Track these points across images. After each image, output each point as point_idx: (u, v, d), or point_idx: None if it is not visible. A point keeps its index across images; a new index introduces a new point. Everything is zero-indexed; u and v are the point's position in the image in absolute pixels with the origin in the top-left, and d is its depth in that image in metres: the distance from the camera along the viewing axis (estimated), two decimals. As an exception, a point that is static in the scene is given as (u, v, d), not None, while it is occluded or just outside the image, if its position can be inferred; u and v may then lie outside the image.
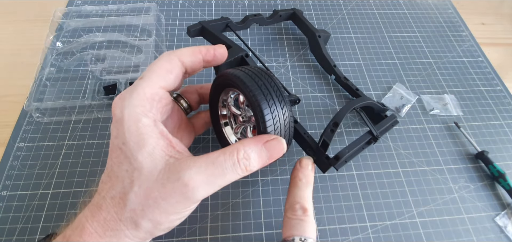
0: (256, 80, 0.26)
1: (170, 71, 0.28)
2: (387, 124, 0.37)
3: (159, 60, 0.28)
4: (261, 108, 0.25)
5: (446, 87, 0.48)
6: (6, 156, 0.37)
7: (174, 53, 0.29)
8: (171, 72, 0.28)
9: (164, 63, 0.28)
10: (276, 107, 0.26)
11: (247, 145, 0.25)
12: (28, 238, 0.32)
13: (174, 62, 0.28)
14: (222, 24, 0.42)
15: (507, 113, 0.46)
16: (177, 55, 0.29)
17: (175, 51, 0.29)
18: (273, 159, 0.26)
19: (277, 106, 0.26)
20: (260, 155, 0.26)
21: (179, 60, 0.29)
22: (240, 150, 0.25)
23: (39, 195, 0.35)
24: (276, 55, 0.50)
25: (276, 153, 0.26)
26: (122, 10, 0.53)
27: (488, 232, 0.36)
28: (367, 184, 0.38)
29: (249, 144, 0.25)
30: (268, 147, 0.26)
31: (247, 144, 0.25)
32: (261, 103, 0.25)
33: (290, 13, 0.52)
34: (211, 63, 0.31)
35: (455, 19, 0.59)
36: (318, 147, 0.32)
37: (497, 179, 0.38)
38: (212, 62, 0.31)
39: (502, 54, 0.56)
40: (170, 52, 0.29)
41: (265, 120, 0.26)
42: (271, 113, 0.26)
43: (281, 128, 0.27)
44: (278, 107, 0.26)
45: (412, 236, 0.35)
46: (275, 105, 0.26)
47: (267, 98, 0.26)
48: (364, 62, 0.50)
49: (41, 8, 0.56)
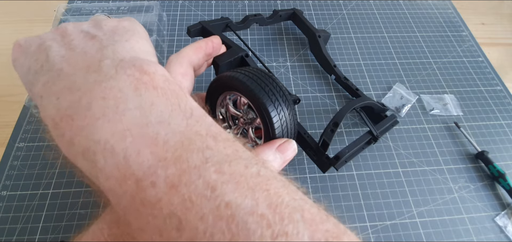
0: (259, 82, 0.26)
1: (184, 74, 0.27)
2: (387, 124, 0.37)
3: (170, 66, 0.27)
4: (269, 111, 0.25)
5: (446, 87, 0.48)
6: (6, 156, 0.37)
7: (181, 56, 0.28)
8: (186, 75, 0.27)
9: (176, 67, 0.27)
10: (282, 108, 0.26)
11: (263, 151, 0.25)
12: (28, 238, 0.32)
13: (185, 64, 0.28)
14: (222, 24, 0.42)
15: (507, 113, 0.46)
16: (184, 56, 0.28)
17: (180, 53, 0.28)
18: (287, 162, 0.26)
19: (283, 108, 0.26)
20: (275, 160, 0.26)
21: (188, 60, 0.28)
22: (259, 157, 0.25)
23: (39, 195, 0.35)
24: (276, 55, 0.50)
25: (289, 156, 0.26)
26: (122, 9, 0.53)
27: (488, 232, 0.36)
28: (367, 184, 0.38)
29: (264, 151, 0.25)
30: (282, 151, 0.26)
31: (262, 151, 0.25)
32: (269, 107, 0.25)
33: (290, 13, 0.52)
34: (212, 54, 0.31)
35: (455, 19, 0.59)
36: (318, 147, 0.32)
37: (497, 179, 0.38)
38: (212, 53, 0.31)
39: (502, 54, 0.56)
40: (177, 55, 0.28)
41: (273, 123, 0.26)
42: (278, 116, 0.26)
43: (288, 129, 0.27)
44: (283, 109, 0.26)
45: (412, 236, 0.35)
46: (281, 106, 0.26)
47: (273, 101, 0.26)
48: (364, 62, 0.50)
49: (41, 8, 0.56)
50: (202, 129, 0.18)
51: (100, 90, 0.17)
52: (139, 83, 0.18)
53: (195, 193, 0.15)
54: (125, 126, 0.16)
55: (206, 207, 0.14)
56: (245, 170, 0.16)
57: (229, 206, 0.14)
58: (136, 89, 0.17)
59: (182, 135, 0.17)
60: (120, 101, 0.17)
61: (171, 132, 0.17)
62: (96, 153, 0.16)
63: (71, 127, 0.17)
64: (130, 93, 0.17)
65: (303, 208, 0.15)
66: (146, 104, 0.17)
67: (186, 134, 0.17)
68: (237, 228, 0.14)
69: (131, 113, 0.17)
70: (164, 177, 0.15)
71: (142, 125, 0.17)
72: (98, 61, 0.19)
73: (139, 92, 0.17)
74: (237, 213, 0.14)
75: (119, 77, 0.18)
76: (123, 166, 0.16)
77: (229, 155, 0.17)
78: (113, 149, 0.16)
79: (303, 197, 0.16)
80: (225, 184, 0.15)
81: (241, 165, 0.16)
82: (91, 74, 0.18)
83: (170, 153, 0.16)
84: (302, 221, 0.14)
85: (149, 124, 0.17)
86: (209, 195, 0.15)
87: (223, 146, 0.17)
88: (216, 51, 0.31)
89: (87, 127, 0.16)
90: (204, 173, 0.15)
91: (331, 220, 0.15)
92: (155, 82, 0.18)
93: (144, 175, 0.16)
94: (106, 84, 0.17)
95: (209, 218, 0.14)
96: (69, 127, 0.17)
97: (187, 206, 0.14)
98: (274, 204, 0.15)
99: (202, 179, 0.15)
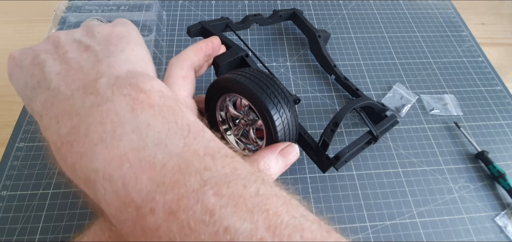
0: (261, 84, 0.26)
1: (185, 77, 0.27)
2: (387, 124, 0.37)
3: (171, 69, 0.27)
4: (271, 113, 0.25)
5: (446, 87, 0.48)
6: (6, 156, 0.37)
7: (182, 59, 0.28)
8: (187, 78, 0.27)
9: (178, 71, 0.27)
10: (284, 109, 0.26)
11: (265, 155, 0.25)
12: (28, 238, 0.32)
13: (186, 67, 0.27)
14: (222, 24, 0.42)
15: (507, 113, 0.46)
16: (185, 59, 0.28)
17: (181, 55, 0.28)
18: (289, 166, 0.27)
19: (285, 109, 0.26)
20: (277, 164, 0.26)
21: (189, 63, 0.28)
22: (260, 162, 0.25)
23: (39, 195, 0.35)
24: (276, 55, 0.50)
25: (291, 160, 0.27)
26: (123, 8, 0.53)
27: (488, 232, 0.36)
28: (367, 184, 0.38)
29: (266, 155, 0.25)
30: (284, 154, 0.26)
31: (265, 155, 0.25)
32: (271, 109, 0.25)
33: (290, 13, 0.52)
34: (212, 55, 0.31)
35: (455, 19, 0.59)
36: (318, 147, 0.32)
37: (497, 179, 0.38)
38: (212, 54, 0.31)
39: (502, 54, 0.56)
40: (177, 58, 0.28)
41: (275, 125, 0.26)
42: (281, 117, 0.26)
43: (290, 130, 0.27)
44: (285, 110, 0.26)
45: (412, 236, 0.35)
46: (282, 107, 0.26)
47: (274, 102, 0.26)
48: (364, 62, 0.50)
49: (41, 8, 0.56)
50: (200, 148, 0.17)
51: (97, 114, 0.17)
52: (135, 103, 0.18)
53: (193, 218, 0.15)
54: (122, 151, 0.16)
55: (205, 233, 0.14)
56: (244, 191, 0.16)
57: (228, 231, 0.14)
58: (132, 110, 0.17)
59: (179, 157, 0.17)
60: (117, 125, 0.17)
61: (168, 154, 0.17)
62: (96, 183, 0.16)
63: (72, 154, 0.17)
64: (126, 116, 0.17)
65: (303, 227, 0.15)
66: (142, 125, 0.17)
67: (183, 155, 0.17)
68: None
69: (128, 137, 0.17)
70: (163, 203, 0.15)
71: (139, 149, 0.17)
72: (94, 80, 0.19)
73: (135, 113, 0.17)
74: (236, 238, 0.14)
75: (116, 99, 0.18)
76: (122, 194, 0.16)
77: (228, 174, 0.16)
78: (111, 177, 0.16)
79: (304, 213, 0.16)
80: (223, 208, 0.15)
81: (240, 186, 0.16)
82: (88, 96, 0.18)
83: (167, 178, 0.16)
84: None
85: (146, 148, 0.17)
86: (207, 220, 0.14)
87: (222, 165, 0.17)
88: (216, 52, 0.31)
89: (86, 154, 0.17)
90: (202, 197, 0.15)
91: (333, 236, 0.15)
92: (152, 100, 0.18)
93: (143, 202, 0.16)
94: (103, 107, 0.17)
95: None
96: (69, 153, 0.17)
97: (186, 232, 0.14)
98: (273, 226, 0.15)
99: (200, 204, 0.15)
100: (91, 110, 0.17)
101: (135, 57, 0.22)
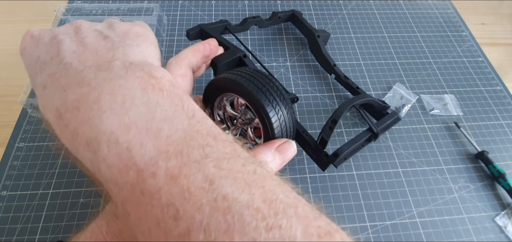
0: (256, 83, 0.26)
1: (183, 75, 0.27)
2: (388, 120, 0.37)
3: (170, 68, 0.27)
4: (267, 112, 0.25)
5: (446, 87, 0.48)
6: (6, 156, 0.38)
7: (180, 58, 0.28)
8: (185, 77, 0.27)
9: (176, 69, 0.27)
10: (280, 108, 0.26)
11: (262, 152, 0.26)
12: (28, 238, 0.32)
13: (184, 66, 0.28)
14: (221, 26, 0.42)
15: (507, 113, 0.46)
16: (183, 58, 0.28)
17: (179, 55, 0.29)
18: (286, 162, 0.27)
19: (281, 107, 0.26)
20: (274, 160, 0.26)
21: (187, 62, 0.28)
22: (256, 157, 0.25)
23: (39, 195, 0.35)
24: (276, 55, 0.50)
25: (288, 156, 0.27)
26: (122, 9, 0.53)
27: (488, 232, 0.36)
28: (367, 184, 0.38)
29: (263, 151, 0.26)
30: (281, 151, 0.26)
31: (261, 151, 0.26)
32: (267, 108, 0.25)
33: (289, 14, 0.52)
34: (210, 56, 0.31)
35: (455, 19, 0.59)
36: (317, 144, 0.32)
37: (497, 179, 0.38)
38: (210, 55, 0.31)
39: (502, 54, 0.56)
40: (176, 58, 0.28)
41: (272, 123, 0.26)
42: (277, 115, 0.26)
43: (287, 128, 0.27)
44: (282, 108, 0.26)
45: (412, 236, 0.35)
46: (279, 106, 0.26)
47: (270, 100, 0.26)
48: (364, 62, 0.50)
49: (41, 8, 0.56)
50: (203, 129, 0.18)
51: (109, 87, 0.18)
52: (146, 85, 0.19)
53: (194, 185, 0.15)
54: (130, 119, 0.17)
55: (204, 198, 0.15)
56: (243, 168, 0.17)
57: (226, 199, 0.15)
58: (143, 89, 0.18)
59: (184, 132, 0.18)
60: (127, 98, 0.18)
61: (174, 128, 0.17)
62: (100, 143, 0.17)
63: (76, 118, 0.18)
64: (137, 92, 0.18)
65: (297, 205, 0.16)
66: (152, 102, 0.18)
67: (188, 131, 0.18)
68: (233, 219, 0.14)
69: (137, 109, 0.18)
70: (165, 168, 0.16)
71: (147, 120, 0.17)
72: (109, 61, 0.20)
73: (146, 92, 0.18)
74: (233, 205, 0.15)
75: (128, 78, 0.19)
76: (125, 156, 0.16)
77: (228, 153, 0.17)
78: (117, 139, 0.17)
79: (297, 196, 0.17)
80: (223, 179, 0.15)
81: (239, 163, 0.17)
82: (102, 72, 0.19)
83: (172, 147, 0.17)
84: (296, 216, 0.15)
85: (153, 120, 0.17)
86: (207, 188, 0.15)
87: (223, 145, 0.18)
88: (213, 53, 0.32)
89: (93, 118, 0.17)
90: (203, 167, 0.16)
91: (323, 218, 0.16)
92: (162, 85, 0.19)
93: (145, 165, 0.16)
94: (115, 82, 0.18)
95: (206, 209, 0.15)
96: (74, 118, 0.18)
97: (185, 196, 0.15)
98: (269, 200, 0.15)
99: (201, 173, 0.16)
100: (103, 82, 0.18)
101: (149, 54, 0.23)
